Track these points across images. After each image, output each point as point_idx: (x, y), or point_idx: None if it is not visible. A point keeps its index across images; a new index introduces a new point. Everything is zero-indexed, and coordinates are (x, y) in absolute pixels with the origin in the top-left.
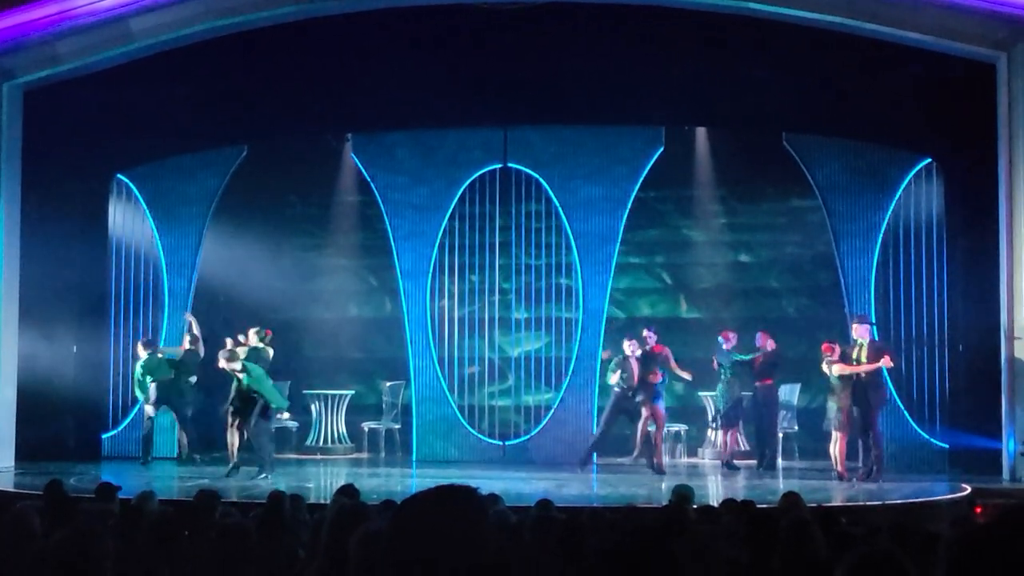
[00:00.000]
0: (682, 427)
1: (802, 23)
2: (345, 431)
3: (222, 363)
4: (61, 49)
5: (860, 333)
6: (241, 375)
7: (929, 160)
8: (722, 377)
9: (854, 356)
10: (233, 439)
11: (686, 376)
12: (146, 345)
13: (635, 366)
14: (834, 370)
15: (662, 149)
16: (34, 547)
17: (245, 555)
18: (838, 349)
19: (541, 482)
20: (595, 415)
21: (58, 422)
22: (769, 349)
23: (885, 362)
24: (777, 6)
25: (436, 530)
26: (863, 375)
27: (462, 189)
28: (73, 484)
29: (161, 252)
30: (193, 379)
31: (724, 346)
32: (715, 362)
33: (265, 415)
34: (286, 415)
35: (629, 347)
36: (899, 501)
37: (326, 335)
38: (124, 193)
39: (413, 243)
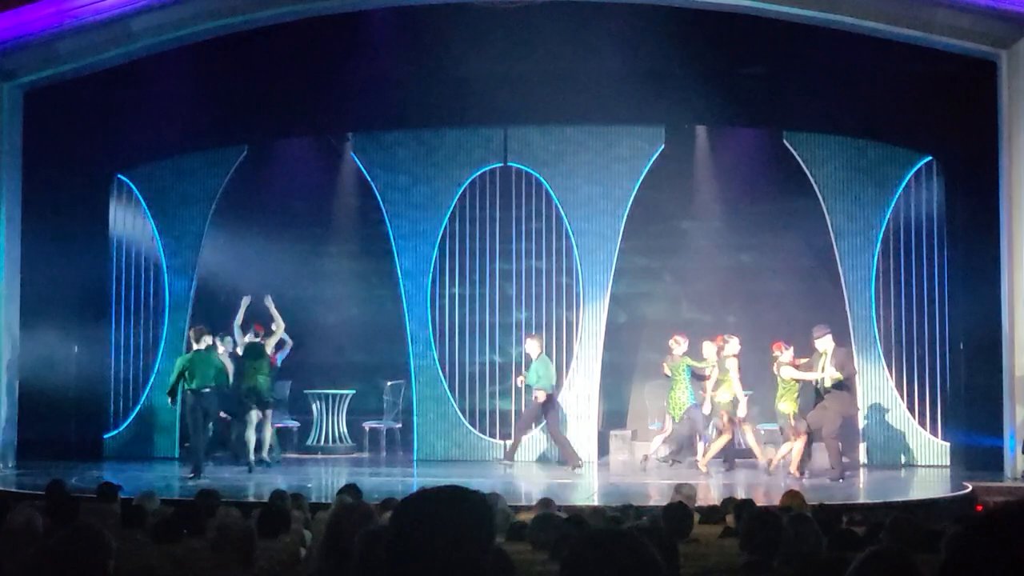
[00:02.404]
0: None
1: (802, 21)
2: (346, 431)
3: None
4: (61, 49)
5: (823, 344)
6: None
7: (930, 158)
8: (674, 384)
9: (820, 367)
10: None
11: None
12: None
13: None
14: (783, 372)
15: (662, 148)
16: (36, 547)
17: (246, 555)
18: (789, 349)
19: (542, 481)
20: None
21: (59, 422)
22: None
23: (832, 374)
24: (777, 4)
25: (437, 530)
26: (823, 383)
27: (462, 188)
28: (75, 484)
29: (161, 252)
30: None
31: (675, 351)
32: (665, 367)
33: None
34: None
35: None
36: (900, 499)
37: (327, 334)
38: (124, 193)
39: (413, 243)
